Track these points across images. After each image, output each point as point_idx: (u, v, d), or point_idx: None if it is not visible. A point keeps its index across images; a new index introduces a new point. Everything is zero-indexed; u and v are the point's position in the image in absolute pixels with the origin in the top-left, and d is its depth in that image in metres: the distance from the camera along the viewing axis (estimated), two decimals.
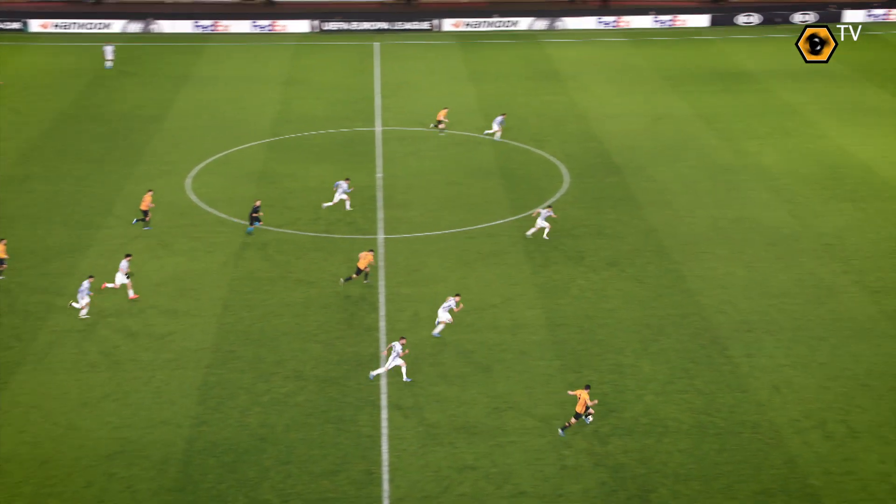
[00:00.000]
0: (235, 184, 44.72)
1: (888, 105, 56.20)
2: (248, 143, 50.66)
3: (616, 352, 31.45)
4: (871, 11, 79.06)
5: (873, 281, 35.29)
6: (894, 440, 26.79)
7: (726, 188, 44.36)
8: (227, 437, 27.44)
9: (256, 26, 76.05)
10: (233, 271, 36.46)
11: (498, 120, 50.74)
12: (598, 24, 77.81)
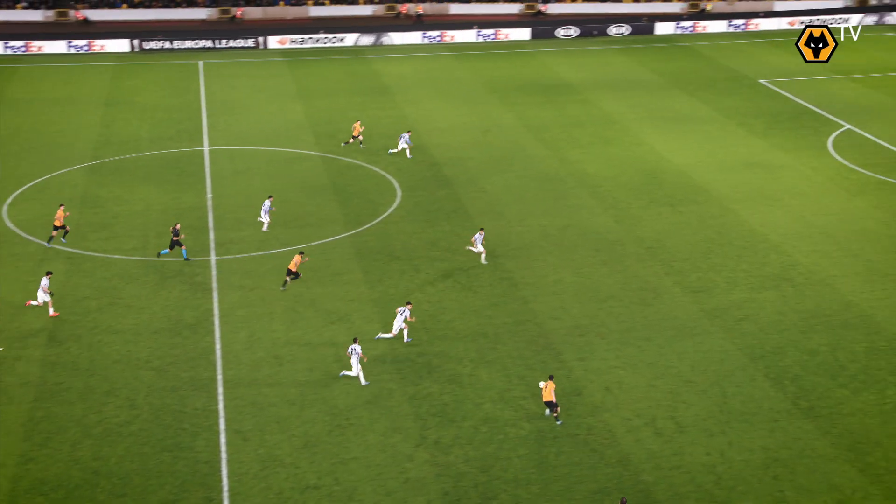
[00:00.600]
0: (55, 210, 42.79)
1: (699, 112, 59.12)
2: (69, 167, 48.59)
3: (455, 362, 31.76)
4: (680, 24, 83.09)
5: (693, 281, 36.96)
6: (718, 432, 28.09)
7: (553, 196, 45.58)
8: (57, 473, 26.15)
9: (72, 46, 73.10)
10: (58, 300, 34.82)
11: (404, 137, 50.67)
12: (424, 38, 78.67)
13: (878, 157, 50.34)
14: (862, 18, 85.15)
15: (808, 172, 48.42)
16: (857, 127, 55.59)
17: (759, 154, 51.24)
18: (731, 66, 70.90)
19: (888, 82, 65.95)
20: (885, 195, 45.05)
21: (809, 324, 33.69)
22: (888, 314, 34.16)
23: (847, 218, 42.60)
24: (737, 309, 34.83)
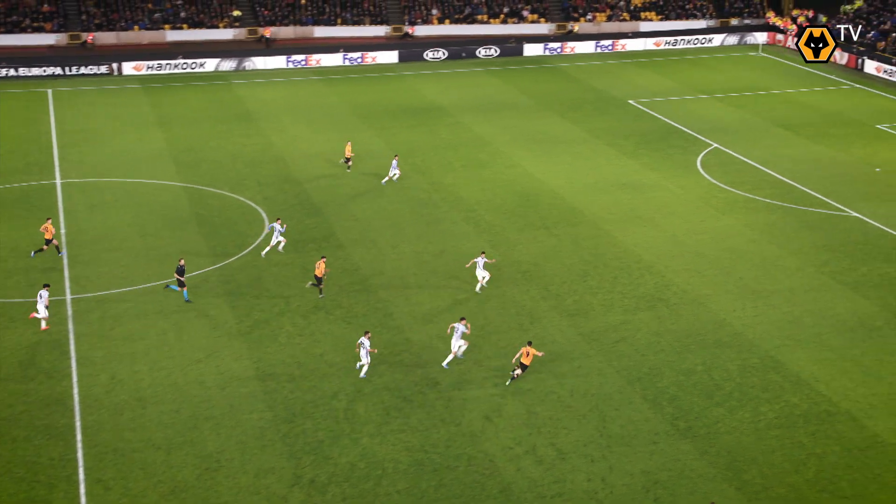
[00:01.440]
0: None
1: (570, 134, 60.44)
2: None
3: (330, 397, 31.40)
4: (549, 45, 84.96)
5: (570, 305, 37.59)
6: (599, 458, 28.53)
7: (427, 222, 45.76)
8: None
9: None
10: None
11: (393, 163, 50.56)
12: (289, 63, 78.20)
13: (745, 175, 52.38)
14: (724, 39, 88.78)
15: (679, 192, 50.00)
16: (724, 146, 57.77)
17: (631, 174, 52.66)
18: (599, 87, 72.81)
19: (751, 101, 68.87)
20: (753, 213, 46.86)
21: (684, 344, 34.65)
22: (759, 332, 35.44)
23: (717, 236, 44.11)
24: (613, 331, 35.56)
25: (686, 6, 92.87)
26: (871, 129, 61.33)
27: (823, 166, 54.04)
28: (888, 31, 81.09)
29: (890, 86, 73.38)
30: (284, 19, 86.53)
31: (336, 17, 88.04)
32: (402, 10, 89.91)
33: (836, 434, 29.27)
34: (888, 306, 37.08)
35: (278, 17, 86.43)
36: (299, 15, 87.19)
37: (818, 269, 40.49)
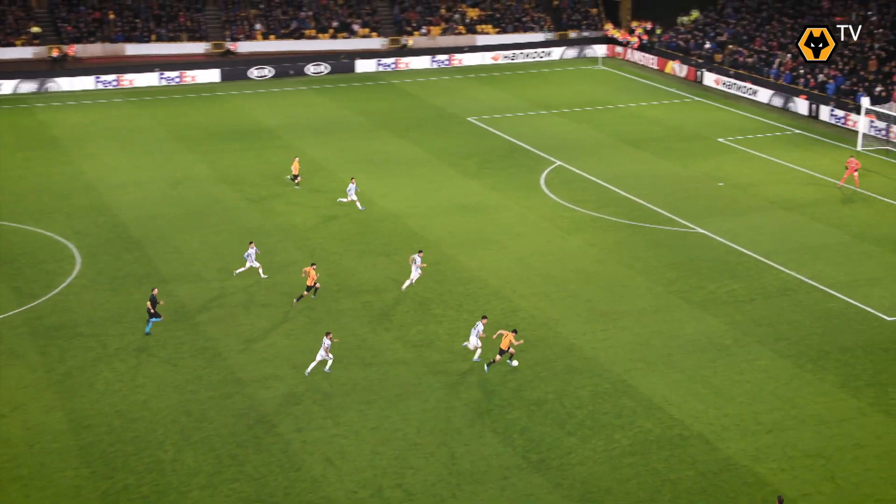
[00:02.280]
0: None
1: (409, 154, 60.94)
2: None
3: (154, 447, 30.51)
4: (382, 61, 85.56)
5: (414, 335, 37.76)
6: (448, 497, 28.68)
7: (259, 252, 45.22)
8: None
9: None
10: None
11: (351, 188, 50.17)
12: (97, 84, 76.13)
13: (589, 193, 53.97)
14: (563, 52, 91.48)
15: (523, 212, 51.08)
16: (568, 163, 59.40)
17: (474, 195, 53.48)
18: (438, 104, 73.76)
19: (594, 116, 71.12)
20: (598, 232, 48.30)
21: (534, 371, 35.29)
22: (610, 355, 36.46)
23: (564, 257, 45.23)
24: (460, 362, 35.89)
25: (523, 19, 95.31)
26: (713, 143, 64.25)
27: (668, 182, 56.24)
28: (725, 43, 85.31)
29: (729, 98, 77.13)
30: (91, 36, 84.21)
31: (149, 34, 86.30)
32: (223, 25, 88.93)
33: (690, 458, 30.35)
34: (736, 324, 38.78)
35: (83, 34, 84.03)
36: (108, 31, 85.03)
37: (666, 289, 42.01)
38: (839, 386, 34.15)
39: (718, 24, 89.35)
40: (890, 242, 46.89)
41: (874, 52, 74.03)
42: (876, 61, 72.72)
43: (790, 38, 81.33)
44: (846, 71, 73.23)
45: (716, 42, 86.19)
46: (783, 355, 36.34)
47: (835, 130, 67.97)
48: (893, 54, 73.27)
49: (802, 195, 53.98)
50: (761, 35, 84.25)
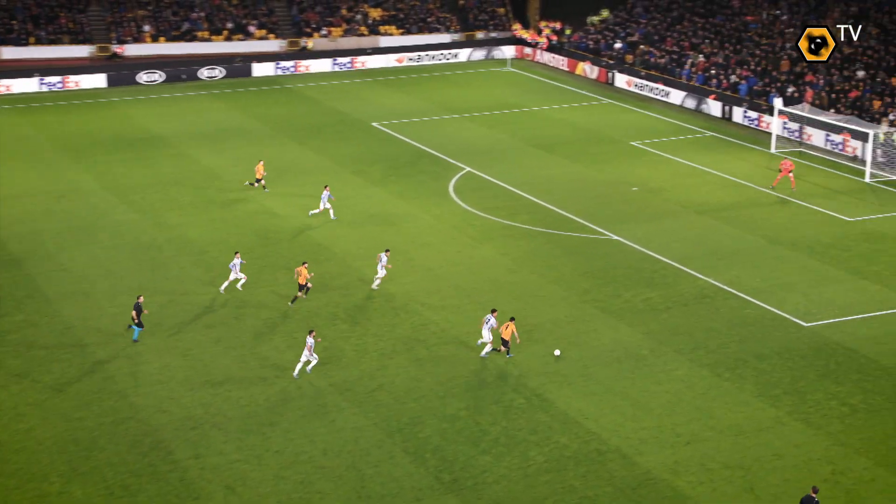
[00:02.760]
0: None
1: (311, 162, 60.66)
2: None
3: (39, 479, 29.78)
4: (280, 64, 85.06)
5: (319, 352, 37.43)
6: None
7: (151, 267, 44.52)
8: None
9: None
10: None
11: (324, 196, 50.42)
12: None
13: (500, 200, 54.34)
14: (471, 53, 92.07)
15: (432, 221, 51.20)
16: (478, 169, 59.74)
17: (380, 204, 53.44)
18: (341, 109, 73.60)
19: (504, 120, 71.67)
20: (511, 241, 48.65)
21: (447, 387, 35.37)
22: (524, 369, 36.69)
23: (475, 267, 45.43)
24: (369, 379, 35.81)
25: (428, 19, 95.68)
26: (626, 147, 65.25)
27: (581, 187, 56.93)
28: (636, 43, 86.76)
29: (641, 100, 78.43)
30: None
31: (27, 36, 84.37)
32: (108, 26, 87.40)
33: (608, 474, 30.69)
34: (652, 333, 39.39)
35: None
36: None
37: (581, 298, 42.48)
38: (757, 395, 34.90)
39: (629, 24, 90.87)
40: (804, 245, 48.14)
41: (786, 53, 76.02)
42: (788, 62, 74.67)
43: (701, 38, 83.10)
44: (758, 71, 75.05)
45: (626, 42, 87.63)
46: (701, 364, 37.01)
47: (748, 132, 69.59)
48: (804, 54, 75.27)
49: (716, 199, 55.11)
50: (672, 35, 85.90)
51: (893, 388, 35.16)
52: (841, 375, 36.12)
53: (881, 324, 40.13)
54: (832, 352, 37.85)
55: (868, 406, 34.06)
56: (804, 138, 65.70)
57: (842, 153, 63.30)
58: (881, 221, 51.83)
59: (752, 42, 79.77)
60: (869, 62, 70.50)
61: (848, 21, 75.83)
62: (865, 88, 67.41)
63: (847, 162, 61.88)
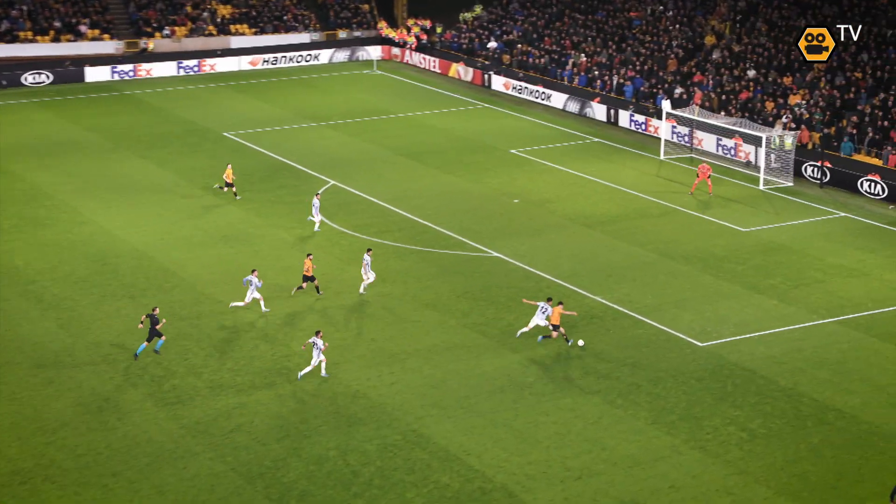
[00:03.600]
0: None
1: (155, 178, 59.74)
2: None
3: None
4: (117, 68, 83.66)
5: (168, 391, 36.90)
6: None
7: None
8: None
9: None
10: None
11: (316, 205, 51.61)
12: None
13: (368, 216, 54.36)
14: (333, 55, 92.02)
15: (293, 241, 50.91)
16: (343, 182, 59.66)
17: (235, 223, 52.92)
18: (188, 118, 72.76)
19: (371, 127, 71.79)
20: (380, 261, 48.54)
21: (313, 425, 35.11)
22: (400, 401, 36.67)
23: (342, 291, 45.29)
24: (225, 419, 35.33)
25: (284, 17, 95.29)
26: (505, 155, 65.98)
27: (457, 200, 57.32)
28: (513, 42, 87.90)
29: (520, 104, 79.47)
30: None
31: None
32: None
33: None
34: (538, 359, 39.80)
35: None
36: None
37: (460, 322, 42.70)
38: (651, 422, 35.54)
39: (505, 22, 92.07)
40: (697, 259, 49.32)
41: (672, 51, 77.96)
42: (675, 61, 76.61)
43: (583, 35, 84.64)
44: (644, 72, 76.77)
45: (503, 41, 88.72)
46: (591, 391, 37.53)
47: (636, 137, 71.10)
48: (692, 52, 77.39)
49: (604, 210, 56.11)
50: (551, 33, 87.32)
51: (793, 410, 36.21)
52: (739, 398, 37.04)
53: (779, 341, 41.33)
54: (729, 373, 38.80)
55: (767, 431, 34.99)
56: (694, 143, 67.41)
57: (734, 159, 65.15)
58: (776, 231, 53.47)
59: (637, 40, 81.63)
60: (759, 61, 72.76)
61: (736, 17, 78.30)
62: (756, 89, 69.52)
63: (740, 168, 63.70)
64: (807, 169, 61.72)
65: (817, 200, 58.50)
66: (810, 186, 60.97)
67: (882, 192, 58.17)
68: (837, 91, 66.30)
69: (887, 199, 57.99)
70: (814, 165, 61.33)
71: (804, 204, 57.97)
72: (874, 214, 56.23)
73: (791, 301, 44.80)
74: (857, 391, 37.42)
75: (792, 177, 61.30)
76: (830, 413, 35.98)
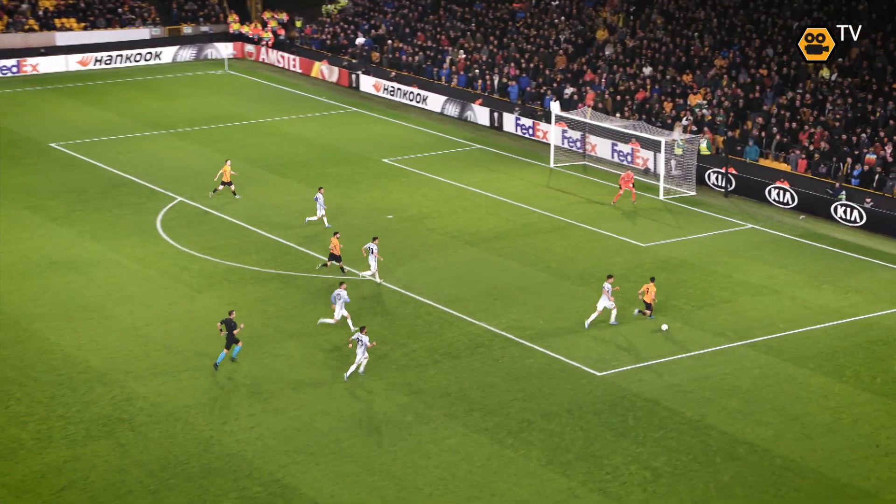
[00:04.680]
0: None
1: None
2: None
3: None
4: None
5: None
6: None
7: None
8: None
9: None
10: None
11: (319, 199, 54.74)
12: None
13: (223, 237, 53.92)
14: (177, 53, 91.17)
15: (135, 266, 50.22)
16: (192, 199, 59.09)
17: (65, 248, 52.08)
18: (6, 127, 72.03)
19: (223, 135, 71.29)
20: (237, 287, 48.30)
21: (160, 479, 34.60)
22: (260, 447, 36.34)
23: (193, 324, 44.82)
24: (56, 475, 34.64)
25: (119, 10, 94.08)
26: (377, 165, 66.05)
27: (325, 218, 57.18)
28: (383, 38, 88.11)
29: (393, 107, 79.68)
30: None
31: None
32: None
33: None
34: (418, 394, 39.82)
35: None
36: None
37: (329, 355, 42.53)
38: (545, 463, 35.78)
39: (373, 15, 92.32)
40: (594, 279, 49.89)
41: (560, 47, 78.96)
42: (564, 58, 77.61)
43: (461, 30, 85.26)
44: (530, 70, 77.58)
45: (371, 37, 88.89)
46: (478, 429, 37.65)
47: (522, 144, 71.79)
48: (583, 48, 78.49)
49: (490, 226, 56.48)
50: (426, 27, 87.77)
51: (701, 445, 36.78)
52: (641, 433, 37.52)
53: (684, 369, 42.01)
54: (630, 405, 39.29)
55: (673, 469, 35.48)
56: (588, 149, 68.31)
57: (632, 166, 66.14)
58: (679, 246, 54.43)
59: (521, 34, 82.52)
60: (656, 57, 74.09)
61: (629, 8, 79.68)
62: (654, 88, 70.76)
63: (638, 176, 64.71)
64: (710, 176, 63.02)
65: (722, 211, 59.74)
66: (714, 196, 62.26)
67: (791, 200, 59.59)
68: (741, 90, 67.80)
69: (797, 208, 59.42)
70: (718, 172, 62.62)
71: (708, 215, 59.14)
72: (783, 226, 57.61)
73: (696, 324, 45.59)
74: (770, 422, 38.19)
75: (695, 185, 62.54)
76: (741, 447, 36.66)
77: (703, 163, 63.15)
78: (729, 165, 62.18)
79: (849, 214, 57.23)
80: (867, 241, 55.37)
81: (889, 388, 40.44)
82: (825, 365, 42.15)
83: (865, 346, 43.83)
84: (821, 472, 35.09)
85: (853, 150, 60.09)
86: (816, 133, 62.00)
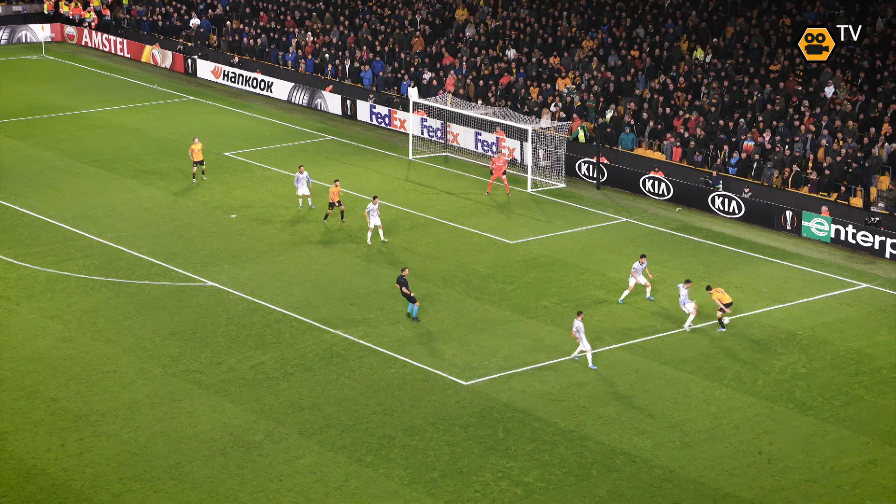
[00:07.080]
0: None
1: None
2: None
3: None
4: None
5: None
6: None
7: None
8: None
9: None
10: None
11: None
12: None
13: (43, 242, 53.39)
14: None
15: None
16: (8, 200, 58.21)
17: None
18: None
19: (41, 129, 70.26)
20: (61, 297, 47.78)
21: None
22: (90, 476, 35.91)
23: (9, 340, 44.15)
24: None
25: None
26: (218, 159, 65.64)
27: (158, 218, 56.63)
28: (221, 18, 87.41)
29: (235, 95, 79.23)
30: None
31: None
32: None
33: None
34: (268, 411, 39.70)
35: None
36: None
37: (167, 370, 42.18)
38: (409, 482, 35.94)
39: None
40: (458, 280, 50.23)
41: (417, 28, 79.22)
42: (421, 40, 77.90)
43: (307, 10, 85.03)
44: (385, 53, 77.69)
45: (208, 17, 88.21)
46: (334, 447, 37.68)
47: (378, 134, 71.93)
48: (441, 29, 78.86)
49: (343, 225, 56.43)
50: (268, 6, 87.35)
51: (576, 457, 37.28)
52: (511, 446, 37.88)
53: (556, 375, 42.52)
54: (499, 416, 39.65)
55: (546, 484, 35.90)
56: (449, 139, 68.67)
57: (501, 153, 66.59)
58: (548, 243, 55.06)
59: (374, 14, 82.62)
60: (521, 38, 74.76)
61: None
62: (519, 72, 71.38)
63: None
64: (581, 167, 63.84)
65: (594, 204, 60.58)
66: (586, 187, 63.09)
67: (667, 191, 60.65)
68: (612, 73, 68.73)
69: (673, 199, 60.45)
70: (589, 162, 63.42)
71: (580, 209, 59.91)
72: (659, 219, 58.62)
73: (568, 326, 46.17)
74: (648, 431, 38.85)
75: (564, 177, 63.25)
76: (618, 458, 37.24)
77: (573, 152, 63.85)
78: (601, 155, 62.85)
79: (727, 206, 58.46)
80: (746, 234, 56.62)
81: (771, 390, 41.41)
82: (705, 367, 43.02)
83: (746, 346, 44.83)
84: (702, 482, 35.81)
85: (730, 137, 61.31)
86: (692, 119, 63.17)
